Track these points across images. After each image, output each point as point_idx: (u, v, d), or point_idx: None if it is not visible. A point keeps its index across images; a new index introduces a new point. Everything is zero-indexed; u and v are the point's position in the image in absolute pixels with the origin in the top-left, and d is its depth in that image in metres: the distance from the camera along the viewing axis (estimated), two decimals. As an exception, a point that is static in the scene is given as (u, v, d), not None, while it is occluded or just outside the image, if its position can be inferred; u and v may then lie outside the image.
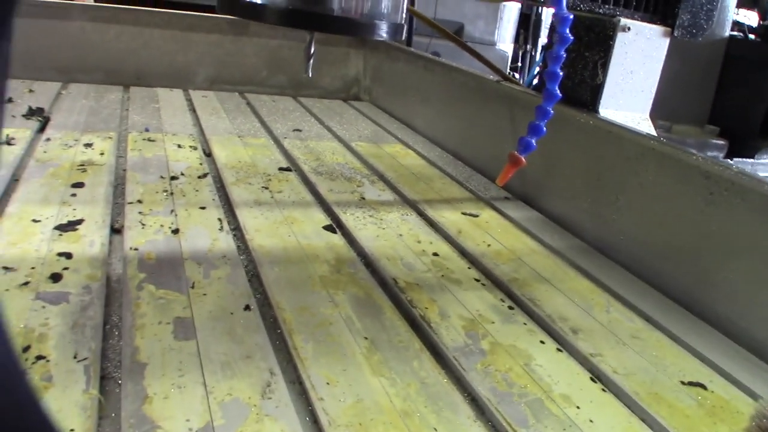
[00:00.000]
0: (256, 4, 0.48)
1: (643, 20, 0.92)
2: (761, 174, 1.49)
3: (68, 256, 0.66)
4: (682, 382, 0.61)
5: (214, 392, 0.49)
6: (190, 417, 0.45)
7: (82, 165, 0.93)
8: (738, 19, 1.79)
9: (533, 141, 0.68)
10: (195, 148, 1.08)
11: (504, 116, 1.10)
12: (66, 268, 0.64)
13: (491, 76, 1.15)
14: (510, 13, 2.74)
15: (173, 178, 0.92)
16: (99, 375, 0.49)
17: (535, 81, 1.49)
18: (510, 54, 2.73)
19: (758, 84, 1.37)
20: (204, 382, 0.50)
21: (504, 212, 0.97)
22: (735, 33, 1.49)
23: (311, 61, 0.54)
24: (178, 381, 0.49)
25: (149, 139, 1.09)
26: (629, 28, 0.91)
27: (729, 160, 1.42)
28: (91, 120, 1.17)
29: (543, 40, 3.06)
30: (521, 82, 2.65)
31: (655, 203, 0.82)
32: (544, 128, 0.68)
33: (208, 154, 1.07)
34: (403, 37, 0.53)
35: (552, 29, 1.44)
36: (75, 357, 0.50)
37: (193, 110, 1.36)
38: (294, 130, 1.28)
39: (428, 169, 1.15)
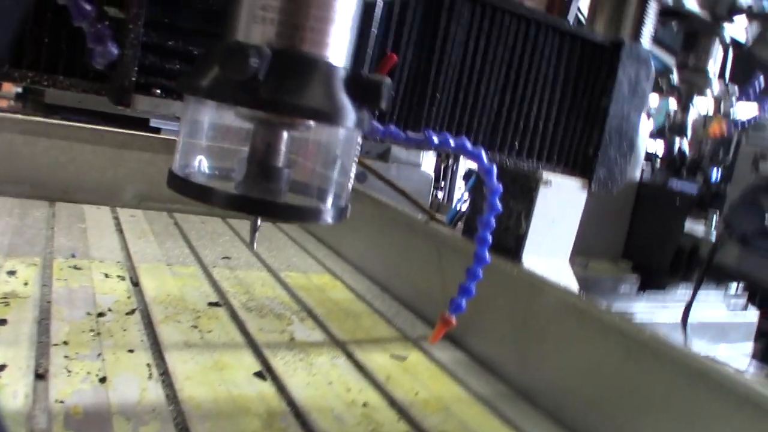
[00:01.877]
0: (204, 187, 0.50)
1: (563, 173, 0.99)
2: (670, 305, 1.57)
3: (-11, 411, 0.64)
4: None
5: None
6: None
7: (5, 298, 0.90)
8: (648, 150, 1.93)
9: (463, 302, 0.71)
10: (122, 278, 1.07)
11: (432, 254, 1.14)
12: (-13, 426, 0.61)
13: (419, 215, 1.20)
14: (434, 134, 2.84)
15: (100, 314, 0.91)
16: None
17: (460, 208, 1.55)
18: (433, 174, 2.83)
19: (667, 225, 1.47)
20: None
21: (431, 354, 0.99)
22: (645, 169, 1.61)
23: (256, 234, 0.56)
24: None
25: (75, 267, 1.07)
26: (550, 182, 0.97)
27: (641, 293, 1.50)
28: (15, 241, 1.15)
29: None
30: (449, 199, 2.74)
31: (577, 354, 0.86)
32: (474, 290, 0.71)
33: (136, 283, 1.06)
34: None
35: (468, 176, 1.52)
36: None
37: (120, 231, 1.35)
38: (223, 258, 1.29)
39: (357, 304, 1.16)
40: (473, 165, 1.93)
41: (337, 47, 0.49)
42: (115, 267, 1.11)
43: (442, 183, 3.17)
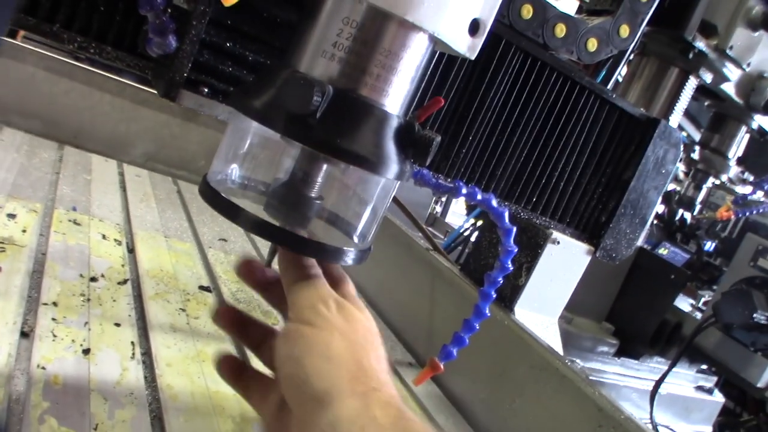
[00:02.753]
0: (233, 205, 0.50)
1: (572, 236, 0.99)
2: (642, 374, 1.58)
3: (-28, 364, 0.64)
4: None
5: None
6: None
7: (2, 243, 0.90)
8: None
9: (455, 351, 0.72)
10: (119, 243, 1.06)
11: (425, 281, 1.14)
12: (-32, 381, 0.61)
13: (422, 241, 1.21)
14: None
15: (93, 279, 0.91)
16: None
17: (463, 234, 1.55)
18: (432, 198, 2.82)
19: (656, 298, 1.49)
20: None
21: (406, 381, 1.00)
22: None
23: (275, 256, 0.56)
24: None
25: (75, 222, 1.07)
26: (559, 242, 0.98)
27: (616, 358, 1.51)
28: (19, 182, 1.14)
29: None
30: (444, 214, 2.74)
31: (548, 417, 0.87)
32: (467, 341, 0.72)
33: (131, 250, 1.06)
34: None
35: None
36: (-38, 505, 0.48)
37: (124, 190, 1.34)
38: (220, 239, 1.29)
39: (342, 314, 1.17)
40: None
41: (396, 96, 0.49)
42: (113, 229, 1.11)
43: (442, 197, 3.18)
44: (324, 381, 0.43)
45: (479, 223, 1.52)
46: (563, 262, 1.01)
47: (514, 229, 0.69)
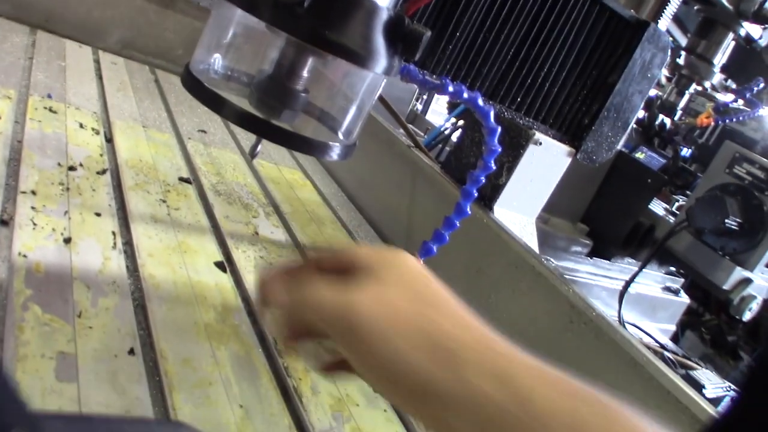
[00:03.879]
0: (217, 95, 0.49)
1: (554, 138, 0.99)
2: (613, 274, 1.63)
3: (-47, 250, 0.64)
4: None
5: (89, 451, 0.49)
6: (62, 479, 0.46)
7: (-23, 129, 0.88)
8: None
9: (435, 248, 0.73)
10: (97, 132, 1.05)
11: (406, 179, 1.15)
12: (-51, 266, 0.62)
13: (403, 138, 1.20)
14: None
15: (71, 168, 0.90)
16: (-26, 411, 0.48)
17: (444, 132, 1.55)
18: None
19: (632, 200, 1.51)
20: (80, 437, 0.50)
21: (385, 276, 1.01)
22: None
23: (258, 148, 0.56)
24: None
25: (51, 110, 1.05)
26: (540, 143, 0.98)
27: (588, 258, 1.54)
28: (-10, 67, 1.11)
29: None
30: (425, 111, 2.72)
31: (522, 313, 0.90)
32: (447, 238, 0.73)
33: (110, 140, 1.05)
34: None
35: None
36: (-49, 385, 0.49)
37: (100, 78, 1.31)
38: (199, 131, 1.27)
39: (322, 209, 1.17)
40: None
41: (386, -14, 0.47)
42: (90, 118, 1.09)
43: (423, 95, 3.14)
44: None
45: (460, 122, 1.51)
46: (544, 163, 1.02)
47: (499, 128, 0.69)
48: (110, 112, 1.15)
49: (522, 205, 1.05)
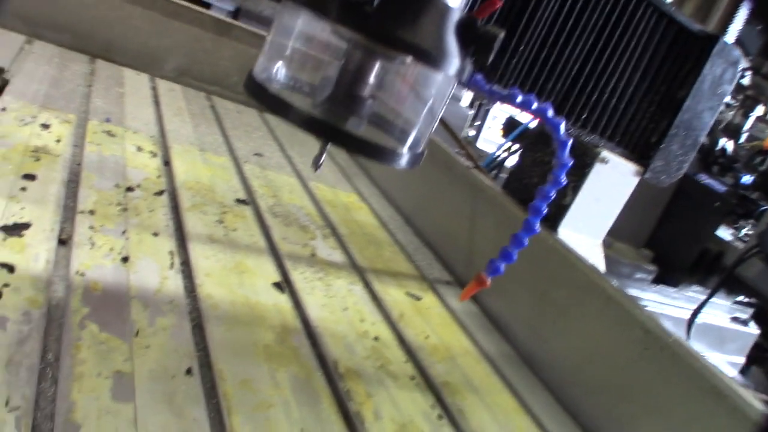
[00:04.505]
0: (282, 100, 0.47)
1: (621, 155, 0.95)
2: (679, 302, 1.56)
3: (10, 269, 0.63)
4: None
5: (146, 475, 0.47)
6: (119, 504, 0.44)
7: (36, 152, 0.88)
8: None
9: (502, 266, 0.69)
10: (155, 155, 1.04)
11: (465, 201, 1.11)
12: (6, 285, 0.60)
13: (464, 159, 1.17)
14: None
15: (129, 189, 0.89)
16: (30, 429, 0.47)
17: (499, 155, 1.52)
18: (470, 112, 2.78)
19: (699, 225, 1.45)
20: (137, 460, 0.48)
21: (445, 299, 0.98)
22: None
23: (323, 158, 0.54)
24: (111, 455, 0.47)
25: (109, 133, 1.05)
26: (608, 161, 0.94)
27: (653, 285, 1.48)
28: (52, 93, 1.12)
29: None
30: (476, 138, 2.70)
31: (591, 338, 0.85)
32: (516, 257, 0.69)
33: (167, 162, 1.04)
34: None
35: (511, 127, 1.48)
36: (7, 404, 0.48)
37: (157, 103, 1.32)
38: (255, 154, 1.26)
39: (379, 232, 1.15)
40: (515, 112, 1.88)
41: (457, -15, 0.45)
42: (148, 141, 1.09)
43: (476, 122, 3.12)
44: None
45: (515, 146, 1.48)
46: (611, 183, 0.98)
47: (570, 140, 0.65)
48: (167, 136, 1.15)
49: (588, 226, 1.00)
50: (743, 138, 1.82)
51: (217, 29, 1.59)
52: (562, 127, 0.64)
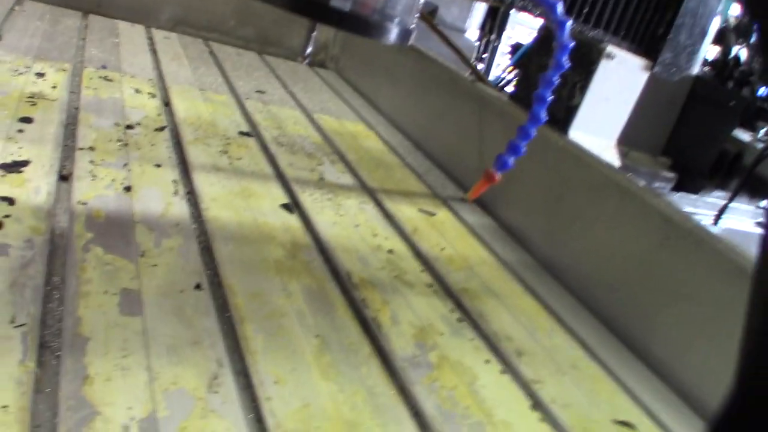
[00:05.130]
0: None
1: (628, 50, 0.92)
2: (701, 209, 1.53)
3: (10, 201, 0.62)
4: (614, 420, 0.62)
5: (159, 379, 0.46)
6: (132, 405, 0.43)
7: (32, 97, 0.87)
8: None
9: (511, 160, 0.67)
10: (153, 96, 1.03)
11: (472, 116, 1.09)
12: (7, 216, 0.60)
13: (467, 73, 1.14)
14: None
15: (129, 126, 0.88)
16: (37, 345, 0.46)
17: (505, 77, 1.48)
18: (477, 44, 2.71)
19: (716, 127, 1.41)
20: (149, 366, 0.47)
21: (459, 214, 0.96)
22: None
23: (309, 51, 0.51)
24: (121, 362, 0.47)
25: (106, 78, 1.04)
26: (614, 57, 0.91)
27: (674, 192, 1.45)
28: (45, 46, 1.10)
29: (509, 33, 3.06)
30: (486, 74, 2.65)
31: (609, 236, 0.83)
32: (524, 149, 0.67)
33: (167, 103, 1.03)
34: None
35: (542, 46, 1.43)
36: (12, 321, 0.47)
37: (154, 51, 1.30)
38: (257, 91, 1.24)
39: (388, 156, 1.13)
40: (520, 39, 1.83)
41: None
42: (146, 84, 1.07)
43: (483, 56, 3.06)
44: None
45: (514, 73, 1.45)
46: (619, 80, 0.94)
47: (570, 20, 0.63)
48: (165, 78, 1.13)
49: (599, 127, 0.98)
50: (755, 36, 1.76)
51: (209, -26, 1.56)
52: (560, 6, 0.61)
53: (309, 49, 0.50)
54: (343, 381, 0.53)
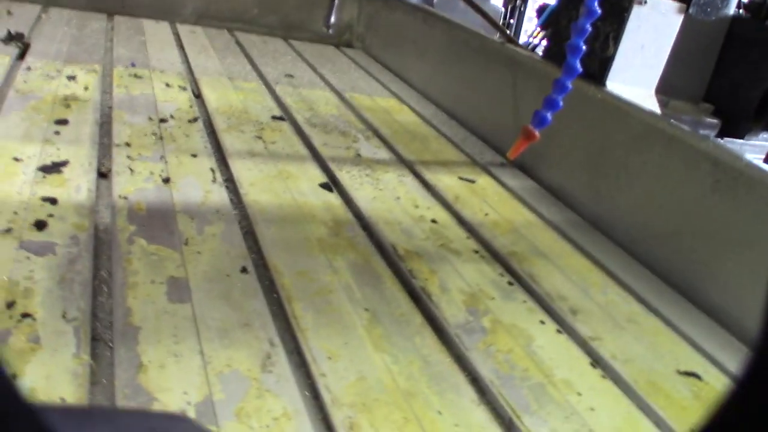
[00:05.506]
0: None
1: (660, -8, 0.89)
2: (749, 155, 1.48)
3: (53, 201, 0.62)
4: (678, 371, 0.60)
5: (212, 362, 0.46)
6: (187, 389, 0.43)
7: (66, 100, 0.88)
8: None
9: (549, 115, 0.66)
10: (184, 89, 1.03)
11: (506, 80, 1.07)
12: (51, 215, 0.60)
13: (496, 36, 1.12)
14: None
15: (162, 120, 0.88)
16: (90, 337, 0.46)
17: (534, 41, 1.45)
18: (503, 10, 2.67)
19: (757, 67, 1.35)
20: (201, 350, 0.47)
21: (500, 179, 0.95)
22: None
23: (332, 21, 0.50)
24: (173, 348, 0.47)
25: (136, 75, 1.04)
26: (645, 2, 0.87)
27: (719, 139, 1.41)
28: (73, 50, 1.11)
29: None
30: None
31: (657, 185, 0.80)
32: (561, 103, 0.65)
33: (198, 95, 1.03)
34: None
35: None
36: (64, 316, 0.47)
37: (180, 46, 1.30)
38: (286, 76, 1.24)
39: (423, 128, 1.11)
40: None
41: None
42: (176, 78, 1.08)
43: (511, 21, 3.01)
44: None
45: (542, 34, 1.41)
46: (653, 26, 0.91)
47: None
48: (195, 71, 1.13)
49: (637, 76, 0.95)
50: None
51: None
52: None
53: (332, 19, 0.49)
54: (397, 352, 0.53)
